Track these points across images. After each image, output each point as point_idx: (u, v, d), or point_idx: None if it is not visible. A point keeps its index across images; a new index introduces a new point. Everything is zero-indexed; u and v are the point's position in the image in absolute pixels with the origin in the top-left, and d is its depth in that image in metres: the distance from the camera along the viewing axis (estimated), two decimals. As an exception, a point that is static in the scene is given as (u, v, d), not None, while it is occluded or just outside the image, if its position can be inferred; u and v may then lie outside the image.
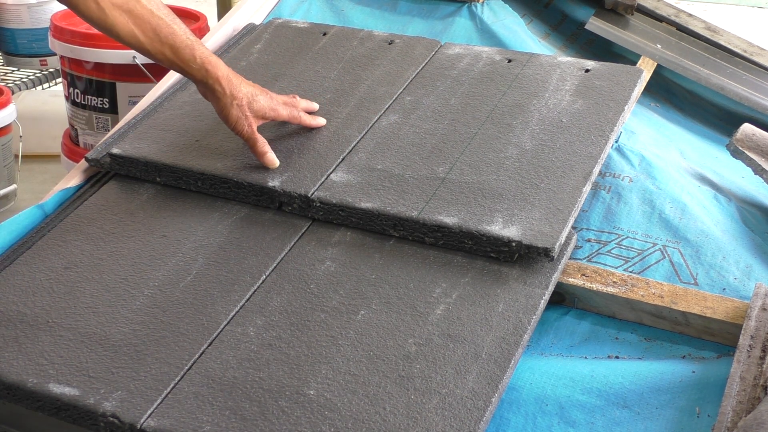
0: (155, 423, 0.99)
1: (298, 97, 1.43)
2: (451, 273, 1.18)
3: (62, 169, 2.49)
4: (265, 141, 1.34)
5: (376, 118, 1.45)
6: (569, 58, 1.59)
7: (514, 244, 1.17)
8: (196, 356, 1.07)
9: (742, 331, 1.11)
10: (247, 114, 1.31)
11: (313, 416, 0.98)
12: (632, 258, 1.29)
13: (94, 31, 2.33)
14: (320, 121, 1.43)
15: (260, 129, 1.35)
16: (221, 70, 1.30)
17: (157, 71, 2.17)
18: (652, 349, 1.18)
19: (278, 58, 1.65)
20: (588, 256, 1.30)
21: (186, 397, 1.02)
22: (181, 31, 1.29)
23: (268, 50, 1.67)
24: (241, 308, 1.14)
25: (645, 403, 1.07)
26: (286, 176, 1.32)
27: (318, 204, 1.28)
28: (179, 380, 1.04)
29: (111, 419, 1.00)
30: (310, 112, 1.44)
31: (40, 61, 2.92)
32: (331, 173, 1.32)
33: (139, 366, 1.06)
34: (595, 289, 1.22)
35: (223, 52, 1.69)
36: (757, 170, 1.44)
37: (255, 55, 1.66)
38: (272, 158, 1.33)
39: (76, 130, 2.39)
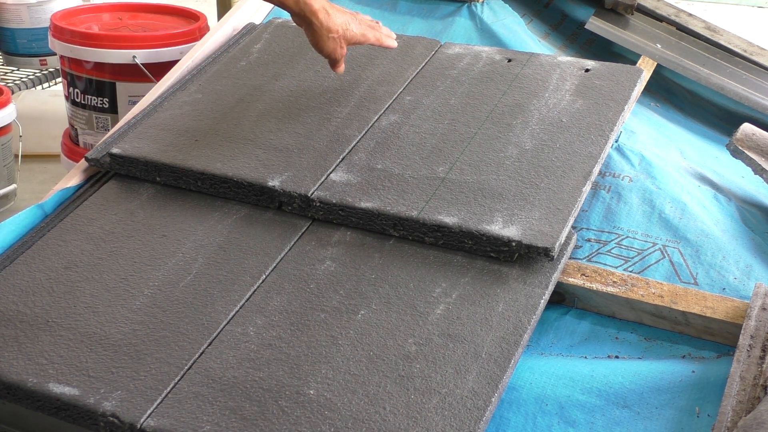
0: (155, 423, 0.99)
1: (380, 23, 1.53)
2: (451, 273, 1.18)
3: (62, 169, 2.49)
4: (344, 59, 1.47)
5: (376, 117, 1.45)
6: (569, 58, 1.59)
7: (514, 243, 1.17)
8: (196, 356, 1.07)
9: (742, 331, 1.11)
10: (342, 44, 1.41)
11: (313, 416, 0.98)
12: (632, 258, 1.29)
13: (94, 30, 2.34)
14: (394, 43, 1.53)
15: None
16: (319, 2, 1.36)
17: (157, 71, 2.16)
18: (652, 349, 1.18)
19: (278, 58, 1.65)
20: (588, 256, 1.30)
21: (186, 397, 1.02)
22: None
23: (268, 50, 1.67)
24: (241, 308, 1.14)
25: (645, 403, 1.07)
26: (286, 176, 1.32)
27: (318, 204, 1.28)
28: (179, 380, 1.04)
29: (111, 419, 1.00)
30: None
31: (40, 60, 2.92)
32: (331, 173, 1.32)
33: (139, 366, 1.06)
34: (595, 288, 1.22)
35: (223, 52, 1.69)
36: (757, 170, 1.44)
37: (255, 55, 1.66)
38: (342, 68, 1.48)
39: (76, 129, 2.39)
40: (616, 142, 1.50)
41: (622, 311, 1.23)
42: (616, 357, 1.17)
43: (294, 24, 1.75)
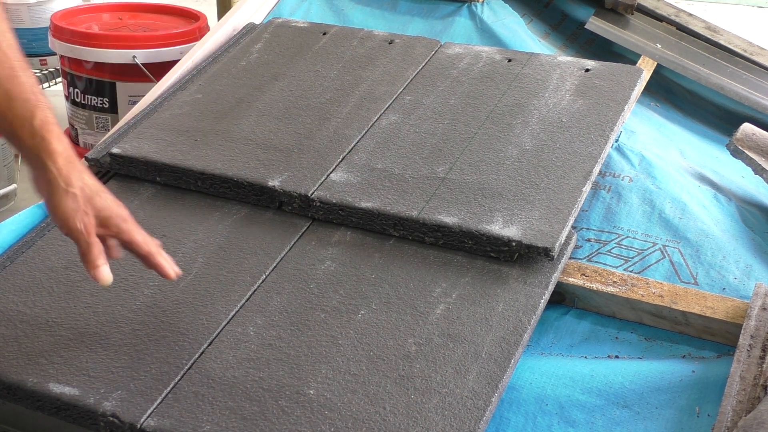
0: (155, 423, 0.99)
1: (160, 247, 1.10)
2: (451, 273, 1.18)
3: (62, 169, 2.49)
4: (102, 249, 1.02)
5: (376, 117, 1.45)
6: (569, 58, 1.59)
7: (514, 243, 1.17)
8: (196, 356, 1.07)
9: (742, 331, 1.11)
10: (86, 210, 1.00)
11: (313, 416, 0.98)
12: (632, 258, 1.29)
13: (94, 30, 2.34)
14: (170, 272, 1.08)
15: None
16: (63, 144, 0.99)
17: (157, 71, 2.17)
18: (652, 349, 1.18)
19: (278, 57, 1.65)
20: (588, 256, 1.30)
21: (186, 397, 1.02)
22: (28, 80, 0.99)
23: (268, 50, 1.67)
24: (241, 308, 1.14)
25: (645, 403, 1.07)
26: (286, 176, 1.32)
27: (318, 203, 1.28)
28: (179, 380, 1.04)
29: (111, 419, 1.00)
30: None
31: (40, 60, 2.92)
32: (331, 173, 1.32)
33: (139, 366, 1.06)
34: (595, 288, 1.22)
35: (223, 52, 1.69)
36: (757, 170, 1.44)
37: (255, 55, 1.66)
38: (106, 274, 1.02)
39: (76, 129, 2.39)
40: (616, 142, 1.50)
41: (622, 311, 1.23)
42: (616, 357, 1.17)
43: (295, 24, 1.76)
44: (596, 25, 1.95)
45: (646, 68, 1.78)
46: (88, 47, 2.25)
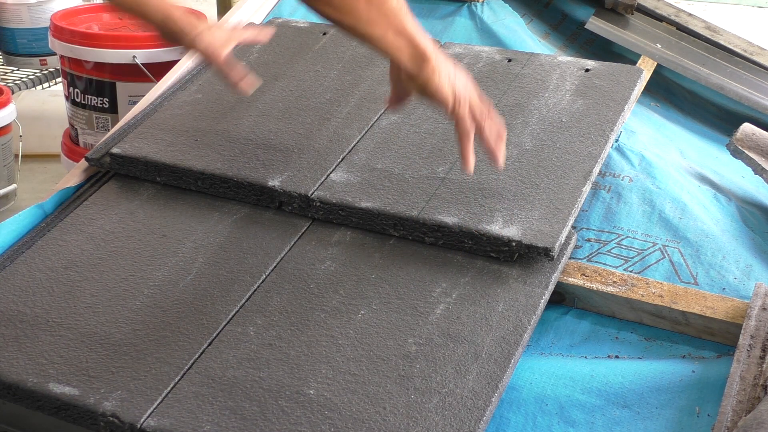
0: (155, 423, 0.99)
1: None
2: (451, 273, 1.18)
3: (62, 169, 2.49)
4: None
5: (376, 117, 1.45)
6: (569, 58, 1.59)
7: (514, 243, 1.17)
8: (196, 356, 1.07)
9: (742, 331, 1.11)
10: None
11: (313, 416, 0.98)
12: (632, 258, 1.29)
13: (94, 30, 2.34)
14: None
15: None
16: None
17: (157, 71, 2.16)
18: (652, 349, 1.18)
19: (278, 57, 1.64)
20: (588, 256, 1.30)
21: (186, 397, 1.02)
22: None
23: (268, 50, 1.67)
24: (241, 308, 1.14)
25: (645, 403, 1.07)
26: (286, 176, 1.32)
27: (318, 204, 1.28)
28: (179, 380, 1.04)
29: (111, 419, 1.00)
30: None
31: (40, 60, 2.92)
32: (331, 173, 1.32)
33: (139, 366, 1.06)
34: (595, 288, 1.22)
35: (223, 51, 1.69)
36: (757, 170, 1.44)
37: (255, 55, 1.66)
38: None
39: (76, 129, 2.39)
40: (616, 142, 1.50)
41: (622, 311, 1.23)
42: (616, 357, 1.17)
43: (295, 24, 1.76)
44: (596, 25, 1.95)
45: (646, 68, 1.78)
46: (88, 47, 2.25)
